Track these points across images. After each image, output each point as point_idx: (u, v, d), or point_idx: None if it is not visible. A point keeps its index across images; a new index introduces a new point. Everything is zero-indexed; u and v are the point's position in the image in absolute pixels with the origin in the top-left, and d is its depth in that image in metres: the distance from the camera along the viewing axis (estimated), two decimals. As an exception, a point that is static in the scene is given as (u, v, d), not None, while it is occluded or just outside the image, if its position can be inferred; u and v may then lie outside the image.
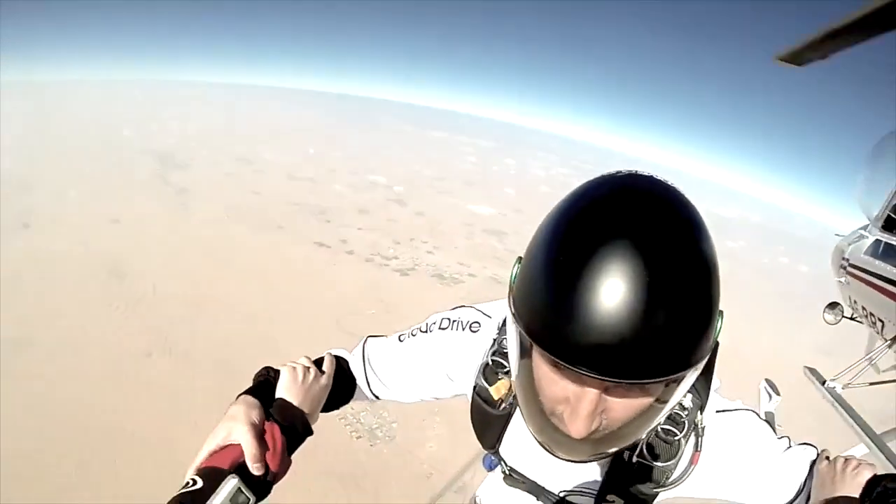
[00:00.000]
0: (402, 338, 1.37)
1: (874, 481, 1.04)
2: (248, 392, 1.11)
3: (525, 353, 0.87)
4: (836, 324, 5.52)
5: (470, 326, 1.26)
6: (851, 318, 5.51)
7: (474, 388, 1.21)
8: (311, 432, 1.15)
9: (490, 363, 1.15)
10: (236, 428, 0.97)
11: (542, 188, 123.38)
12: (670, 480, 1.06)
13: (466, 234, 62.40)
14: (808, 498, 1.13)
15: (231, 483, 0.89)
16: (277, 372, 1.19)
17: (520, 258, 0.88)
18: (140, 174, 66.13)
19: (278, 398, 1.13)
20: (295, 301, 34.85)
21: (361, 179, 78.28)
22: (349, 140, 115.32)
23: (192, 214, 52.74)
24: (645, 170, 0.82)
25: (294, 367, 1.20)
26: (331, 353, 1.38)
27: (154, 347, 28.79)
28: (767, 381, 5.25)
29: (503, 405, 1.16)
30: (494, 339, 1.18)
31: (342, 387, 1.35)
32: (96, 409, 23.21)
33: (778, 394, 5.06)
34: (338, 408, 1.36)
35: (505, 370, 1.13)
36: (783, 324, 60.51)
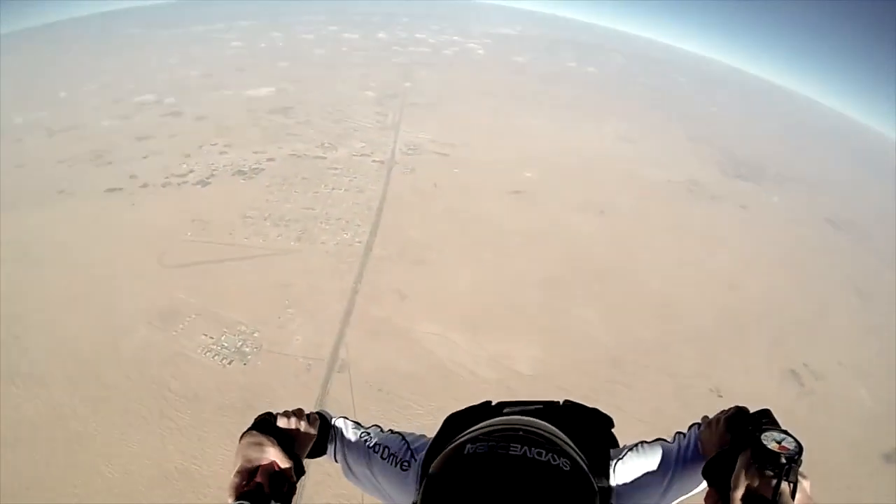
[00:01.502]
0: (362, 436, 1.76)
1: (739, 424, 1.29)
2: (257, 429, 1.46)
3: None
4: None
5: (401, 465, 1.62)
6: None
7: None
8: (304, 471, 1.48)
9: None
10: (268, 449, 1.37)
11: (317, 51, 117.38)
12: None
13: (252, 121, 61.82)
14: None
15: None
16: (275, 417, 1.57)
17: (430, 474, 1.15)
18: None
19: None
20: (109, 261, 32.69)
21: (128, 105, 70.93)
22: (101, 66, 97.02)
23: (-46, 219, 46.28)
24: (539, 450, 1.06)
25: (288, 417, 1.57)
26: (321, 413, 1.74)
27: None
28: None
29: None
30: (418, 491, 1.32)
31: (323, 440, 1.72)
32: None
33: None
34: (321, 455, 1.74)
35: None
36: (586, 122, 67.80)
